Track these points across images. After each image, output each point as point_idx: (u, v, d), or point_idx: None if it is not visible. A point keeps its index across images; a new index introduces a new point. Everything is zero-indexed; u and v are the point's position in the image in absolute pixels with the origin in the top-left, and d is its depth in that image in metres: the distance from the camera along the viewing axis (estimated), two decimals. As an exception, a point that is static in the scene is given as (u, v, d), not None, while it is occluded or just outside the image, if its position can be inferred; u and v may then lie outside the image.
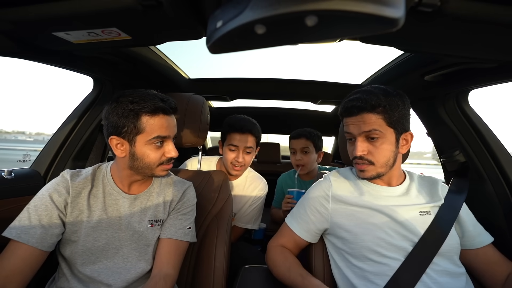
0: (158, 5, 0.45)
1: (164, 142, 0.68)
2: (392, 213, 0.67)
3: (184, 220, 0.76)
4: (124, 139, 0.65)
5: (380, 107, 0.64)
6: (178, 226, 0.74)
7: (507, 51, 0.54)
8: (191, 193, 0.82)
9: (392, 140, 0.67)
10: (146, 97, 0.64)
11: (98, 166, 0.75)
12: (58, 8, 0.47)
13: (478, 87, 0.83)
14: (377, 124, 0.65)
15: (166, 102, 0.67)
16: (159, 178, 0.79)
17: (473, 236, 0.69)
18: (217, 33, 0.31)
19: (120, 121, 0.63)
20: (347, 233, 0.69)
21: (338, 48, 13.94)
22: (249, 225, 1.19)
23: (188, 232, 0.76)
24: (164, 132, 0.66)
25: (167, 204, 0.77)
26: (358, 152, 0.67)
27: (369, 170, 0.68)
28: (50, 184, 0.68)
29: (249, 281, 0.76)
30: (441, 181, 0.77)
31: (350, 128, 0.69)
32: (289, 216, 0.81)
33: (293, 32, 0.29)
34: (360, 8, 0.23)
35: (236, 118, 1.14)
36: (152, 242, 0.72)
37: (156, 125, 0.65)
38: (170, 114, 0.69)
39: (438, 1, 0.40)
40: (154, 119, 0.65)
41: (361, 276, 0.65)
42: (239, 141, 1.09)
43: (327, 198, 0.75)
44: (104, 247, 0.67)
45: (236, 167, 1.11)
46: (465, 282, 0.64)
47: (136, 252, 0.70)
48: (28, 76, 40.20)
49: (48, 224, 0.62)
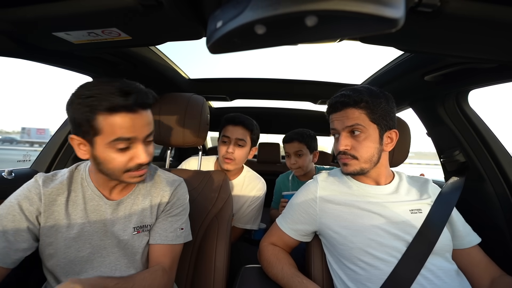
0: (158, 5, 0.45)
1: (132, 144, 0.57)
2: (382, 211, 0.67)
3: (175, 221, 0.70)
4: (84, 139, 0.55)
5: (362, 102, 0.67)
6: (168, 230, 0.68)
7: (507, 51, 0.54)
8: (182, 191, 0.75)
9: (376, 136, 0.68)
10: (104, 90, 0.52)
11: (76, 167, 0.67)
12: (58, 8, 0.47)
13: (478, 87, 0.83)
14: (360, 119, 0.67)
15: (130, 97, 0.53)
16: (146, 177, 0.70)
17: (463, 236, 0.69)
18: (217, 33, 0.31)
19: (77, 118, 0.53)
20: (337, 235, 0.69)
21: (338, 48, 13.73)
22: (248, 226, 1.19)
23: (180, 234, 0.70)
24: (127, 133, 0.54)
25: (155, 207, 0.69)
26: (341, 147, 0.68)
27: (352, 164, 0.69)
28: (21, 190, 0.59)
29: (249, 281, 0.76)
30: (432, 180, 0.77)
31: (335, 124, 0.71)
32: (280, 216, 0.82)
33: (293, 32, 0.29)
34: (360, 9, 0.23)
35: (231, 114, 1.16)
36: (139, 250, 0.66)
37: (115, 126, 0.53)
38: (137, 111, 0.55)
39: (438, 2, 0.40)
40: (113, 118, 0.52)
41: (354, 278, 0.65)
42: (231, 132, 1.10)
43: (314, 199, 0.75)
44: (89, 256, 0.61)
45: (226, 159, 1.10)
46: (459, 278, 0.64)
47: (125, 259, 0.65)
48: (29, 76, 39.25)
49: (14, 238, 0.54)
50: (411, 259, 0.62)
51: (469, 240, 0.69)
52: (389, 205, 0.68)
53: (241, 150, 1.12)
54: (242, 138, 1.10)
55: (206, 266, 0.81)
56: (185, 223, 0.74)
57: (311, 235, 0.78)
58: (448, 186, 0.79)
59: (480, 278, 0.66)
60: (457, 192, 0.76)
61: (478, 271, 0.67)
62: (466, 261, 0.68)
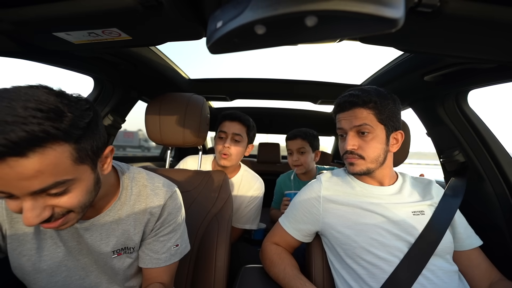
0: (159, 6, 0.45)
1: (17, 198, 0.39)
2: (384, 212, 0.67)
3: (167, 240, 0.61)
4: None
5: (371, 102, 0.67)
6: (160, 251, 0.59)
7: (506, 52, 0.54)
8: (174, 203, 0.63)
9: (382, 137, 0.68)
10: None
11: None
12: (58, 9, 0.47)
13: (477, 87, 0.83)
14: (368, 119, 0.67)
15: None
16: (129, 188, 0.60)
17: (463, 238, 0.70)
18: (217, 33, 0.31)
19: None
20: (340, 234, 0.69)
21: (338, 48, 13.82)
22: (247, 226, 1.19)
23: (175, 252, 0.62)
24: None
25: (140, 227, 0.59)
26: (348, 146, 0.68)
27: (359, 164, 0.69)
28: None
29: (249, 281, 0.76)
30: (435, 182, 0.77)
31: (342, 123, 0.71)
32: (283, 215, 0.82)
33: (293, 32, 0.29)
34: (360, 9, 0.24)
35: (228, 111, 1.17)
36: (119, 272, 0.58)
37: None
38: (3, 158, 0.34)
39: (437, 2, 0.40)
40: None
41: (357, 277, 0.65)
42: (227, 127, 1.11)
43: (318, 199, 0.75)
44: (65, 280, 0.54)
45: (223, 154, 1.11)
46: (459, 279, 0.64)
47: (105, 276, 0.59)
48: (29, 77, 37.15)
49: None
50: (413, 259, 0.62)
51: (469, 242, 0.69)
52: (392, 206, 0.68)
53: (238, 146, 1.12)
54: (239, 133, 1.11)
55: (207, 266, 0.81)
56: (181, 237, 0.65)
57: (312, 236, 0.78)
58: (451, 189, 0.79)
59: (479, 280, 0.66)
60: (460, 194, 0.76)
61: (478, 274, 0.67)
62: (466, 263, 0.68)
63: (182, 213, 0.67)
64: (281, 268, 0.71)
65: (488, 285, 0.65)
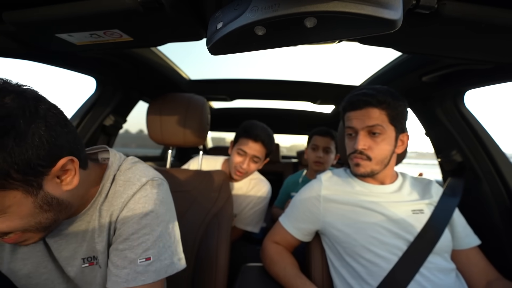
0: (160, 7, 0.45)
1: None
2: (384, 210, 0.68)
3: (129, 249, 0.46)
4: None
5: (385, 103, 0.66)
6: (120, 266, 0.45)
7: (503, 53, 0.55)
8: (143, 199, 0.49)
9: (392, 138, 0.68)
10: None
11: None
12: (60, 10, 0.48)
13: (475, 87, 0.84)
14: (381, 119, 0.67)
15: None
16: (108, 184, 0.50)
17: (462, 237, 0.70)
18: (217, 35, 0.31)
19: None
20: (340, 232, 0.70)
21: (337, 49, 13.77)
22: (249, 227, 1.19)
23: (144, 269, 0.45)
24: None
25: (104, 229, 0.48)
26: (359, 146, 0.67)
27: (365, 165, 0.69)
28: None
29: (249, 280, 0.76)
30: (435, 181, 0.78)
31: (353, 122, 0.70)
32: (283, 214, 0.83)
33: (293, 33, 0.29)
34: (359, 10, 0.24)
35: (253, 124, 1.10)
36: (92, 286, 0.50)
37: None
38: None
39: (435, 4, 0.40)
40: None
41: (356, 275, 0.66)
42: (249, 148, 1.06)
43: (318, 199, 0.75)
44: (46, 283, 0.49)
45: (238, 172, 1.09)
46: (456, 277, 0.65)
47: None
48: (30, 77, 38.46)
49: None
50: (411, 258, 0.62)
51: (467, 241, 0.70)
52: (391, 205, 0.69)
53: (255, 166, 1.11)
54: (258, 156, 1.08)
55: (208, 265, 0.81)
56: (156, 248, 0.47)
57: (312, 235, 0.79)
58: (449, 188, 0.79)
59: (477, 279, 0.66)
60: (459, 193, 0.77)
61: (475, 273, 0.67)
62: (464, 262, 0.69)
63: (159, 213, 0.49)
64: (281, 267, 0.72)
65: (485, 284, 0.65)
